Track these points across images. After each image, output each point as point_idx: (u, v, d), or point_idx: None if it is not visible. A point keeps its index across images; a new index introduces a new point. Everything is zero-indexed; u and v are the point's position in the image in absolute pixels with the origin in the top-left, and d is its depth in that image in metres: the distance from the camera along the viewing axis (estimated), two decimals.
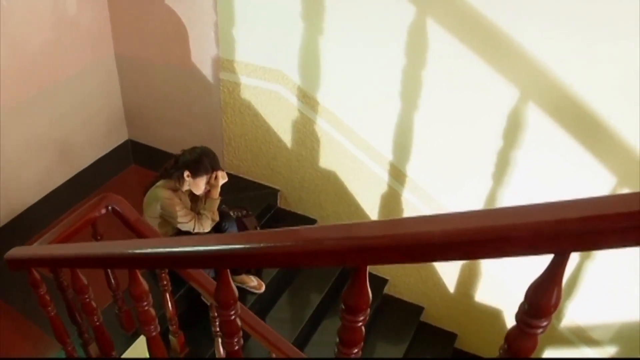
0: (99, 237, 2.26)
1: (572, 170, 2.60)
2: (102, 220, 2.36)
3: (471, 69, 2.60)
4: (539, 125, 2.58)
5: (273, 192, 3.64)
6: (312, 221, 3.61)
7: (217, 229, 2.90)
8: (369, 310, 0.97)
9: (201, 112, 3.61)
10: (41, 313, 1.99)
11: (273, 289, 3.24)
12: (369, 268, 0.90)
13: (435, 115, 2.82)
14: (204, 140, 3.38)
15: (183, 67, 3.49)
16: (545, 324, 0.82)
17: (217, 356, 2.44)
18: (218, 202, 2.82)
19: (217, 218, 2.84)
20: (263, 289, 3.08)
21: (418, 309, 3.58)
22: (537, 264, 0.82)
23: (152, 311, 1.46)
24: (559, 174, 2.65)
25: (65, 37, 3.34)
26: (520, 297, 0.85)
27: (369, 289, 0.94)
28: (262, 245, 0.93)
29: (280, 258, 0.93)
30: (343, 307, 0.96)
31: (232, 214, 3.10)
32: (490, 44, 2.52)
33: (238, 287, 2.97)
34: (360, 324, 0.98)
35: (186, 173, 2.71)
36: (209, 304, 2.81)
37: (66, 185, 3.65)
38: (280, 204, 3.70)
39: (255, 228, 3.21)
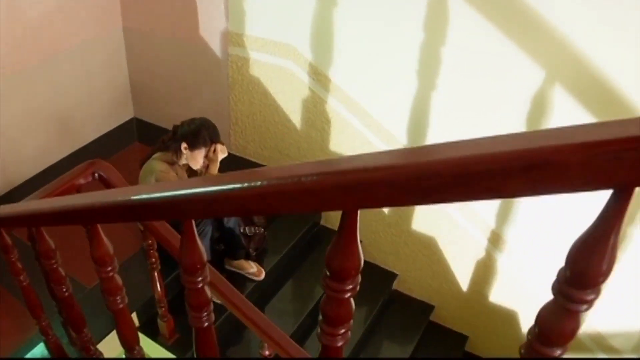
0: None
1: None
2: (89, 189, 2.21)
3: (494, 45, 2.39)
4: (566, 109, 2.36)
5: None
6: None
7: None
8: (359, 277, 0.78)
9: (208, 89, 3.44)
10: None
11: (274, 277, 3.05)
12: (377, 259, 0.69)
13: (454, 96, 2.61)
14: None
15: (191, 42, 3.32)
16: (592, 297, 0.61)
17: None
18: None
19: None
20: (263, 276, 2.90)
21: (428, 308, 3.36)
22: (555, 266, 0.63)
23: (118, 279, 1.28)
24: None
25: (68, 6, 3.20)
26: (538, 300, 0.66)
27: (360, 248, 0.75)
28: (228, 187, 0.74)
29: (250, 202, 0.73)
30: (327, 272, 0.77)
31: None
32: (515, 18, 2.31)
33: (236, 274, 2.86)
34: (349, 294, 0.79)
35: (183, 145, 2.54)
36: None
37: (66, 160, 3.50)
38: None
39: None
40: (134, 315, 2.51)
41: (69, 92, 3.39)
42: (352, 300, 0.81)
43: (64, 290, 1.47)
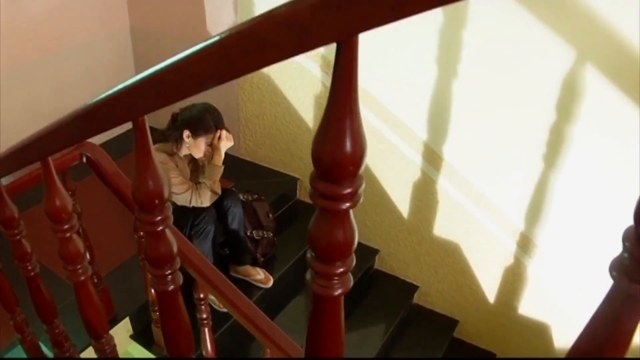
0: (70, 192, 1.92)
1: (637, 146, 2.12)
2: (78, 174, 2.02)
3: (519, 26, 2.18)
4: (599, 93, 2.13)
5: (292, 181, 3.25)
6: None
7: (219, 207, 2.51)
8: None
9: (217, 89, 3.27)
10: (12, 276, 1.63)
11: (284, 287, 2.81)
12: (397, 270, 0.50)
13: (477, 82, 2.40)
14: None
15: (200, 40, 3.18)
16: None
17: (203, 351, 2.03)
18: (221, 170, 2.43)
19: (218, 191, 2.44)
20: (271, 283, 2.67)
21: (452, 323, 3.08)
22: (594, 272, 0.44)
23: (79, 242, 1.07)
24: (623, 153, 2.18)
25: (74, 4, 3.10)
26: (573, 311, 0.47)
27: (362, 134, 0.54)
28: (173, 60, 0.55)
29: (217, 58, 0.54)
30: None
31: (240, 196, 2.72)
32: None
33: (242, 281, 2.63)
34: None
35: (186, 133, 2.35)
36: (216, 306, 2.42)
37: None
38: (300, 195, 3.30)
39: (268, 215, 2.82)
40: (127, 322, 2.30)
41: (72, 91, 3.25)
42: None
43: (29, 268, 1.27)
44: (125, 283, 2.43)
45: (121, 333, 2.26)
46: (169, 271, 0.81)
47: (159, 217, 0.76)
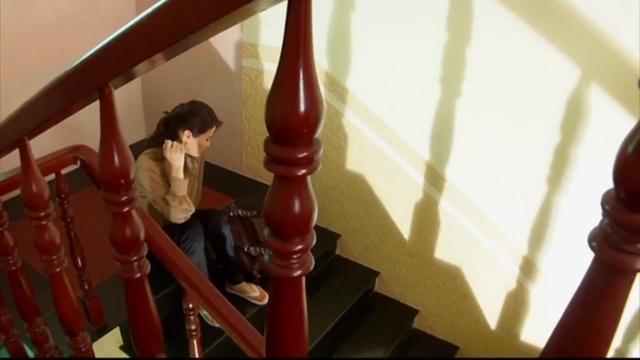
0: (62, 195, 1.90)
1: None
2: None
3: (523, 44, 2.17)
4: (604, 113, 2.09)
5: None
6: (335, 235, 3.16)
7: (205, 228, 2.46)
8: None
9: (222, 105, 3.28)
10: None
11: None
12: (397, 293, 0.48)
13: (480, 102, 2.38)
14: (223, 141, 3.11)
15: (206, 55, 3.20)
16: None
17: None
18: (184, 183, 2.30)
19: (190, 207, 2.33)
20: (266, 300, 2.60)
21: (452, 348, 3.00)
22: None
23: (55, 231, 1.04)
24: None
25: (82, 15, 3.13)
26: None
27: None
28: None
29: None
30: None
31: (239, 212, 2.69)
32: (545, 13, 2.10)
33: (237, 297, 2.58)
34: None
35: (186, 133, 2.31)
36: (209, 321, 2.37)
37: (70, 174, 3.36)
38: None
39: None
40: (117, 332, 2.25)
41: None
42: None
43: (11, 262, 1.24)
44: (117, 294, 2.37)
45: (111, 344, 2.21)
46: (135, 257, 0.78)
47: (125, 197, 0.73)
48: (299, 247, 0.53)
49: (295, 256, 0.54)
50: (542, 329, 2.64)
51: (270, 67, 2.93)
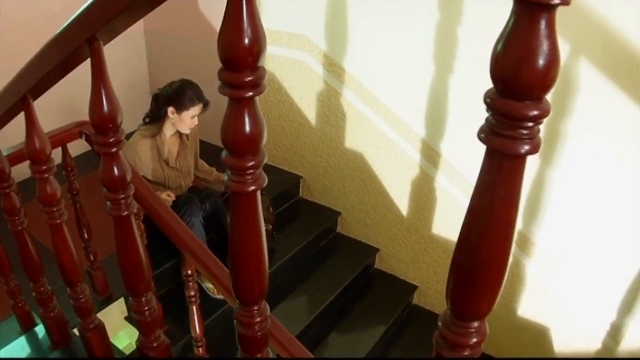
0: (68, 169, 1.99)
1: (635, 141, 2.12)
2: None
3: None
4: (594, 88, 2.14)
5: (295, 179, 3.30)
6: (336, 213, 3.24)
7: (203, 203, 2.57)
8: None
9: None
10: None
11: (282, 279, 2.85)
12: (396, 269, 0.55)
13: (472, 78, 2.42)
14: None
15: (210, 41, 3.27)
16: None
17: (191, 331, 2.05)
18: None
19: (171, 196, 2.49)
20: None
21: None
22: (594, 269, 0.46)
23: (56, 184, 1.13)
24: (619, 147, 2.18)
25: None
26: (574, 314, 0.49)
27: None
28: None
29: None
30: None
31: None
32: None
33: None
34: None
35: (170, 109, 2.41)
36: (211, 293, 2.46)
37: (81, 157, 3.46)
38: (303, 193, 3.34)
39: (268, 209, 2.86)
40: (121, 303, 2.34)
41: (85, 89, 3.36)
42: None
43: (17, 222, 1.33)
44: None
45: (115, 314, 2.30)
46: (123, 195, 0.86)
47: (113, 139, 0.81)
48: (251, 163, 0.61)
49: (249, 172, 0.62)
50: (538, 303, 2.70)
51: (269, 49, 2.99)
